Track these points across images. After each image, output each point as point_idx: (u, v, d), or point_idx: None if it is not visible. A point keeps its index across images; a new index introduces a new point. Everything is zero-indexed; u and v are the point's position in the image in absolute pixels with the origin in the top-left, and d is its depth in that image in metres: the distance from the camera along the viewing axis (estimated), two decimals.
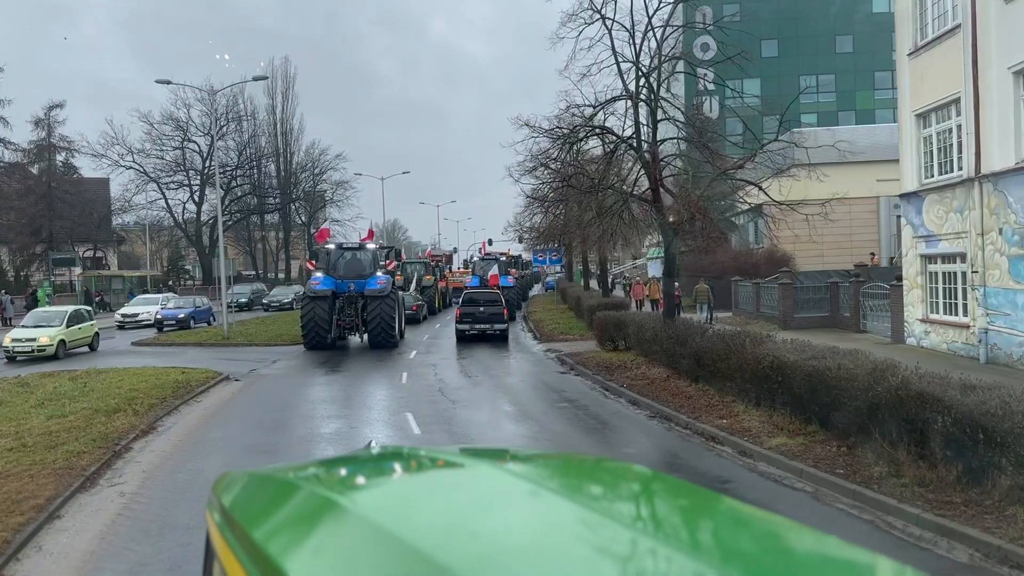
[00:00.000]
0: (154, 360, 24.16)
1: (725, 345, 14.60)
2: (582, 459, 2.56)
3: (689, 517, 1.80)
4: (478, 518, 1.68)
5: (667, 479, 2.06)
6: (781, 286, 28.56)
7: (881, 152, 38.21)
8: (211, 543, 2.07)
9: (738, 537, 1.65)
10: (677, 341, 17.11)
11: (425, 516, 1.67)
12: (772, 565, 1.47)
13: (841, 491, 9.33)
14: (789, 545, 1.59)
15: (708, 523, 1.75)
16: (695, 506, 1.86)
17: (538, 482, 1.92)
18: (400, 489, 2.14)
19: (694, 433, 12.67)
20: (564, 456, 2.78)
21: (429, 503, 1.81)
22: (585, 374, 19.38)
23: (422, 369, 21.44)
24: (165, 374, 19.54)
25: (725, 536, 1.67)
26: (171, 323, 35.38)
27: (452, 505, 1.79)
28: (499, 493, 1.85)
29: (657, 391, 15.84)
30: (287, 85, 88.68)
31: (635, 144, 19.06)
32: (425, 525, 1.58)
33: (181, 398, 16.60)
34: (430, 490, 2.02)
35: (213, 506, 2.15)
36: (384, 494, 2.07)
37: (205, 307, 38.96)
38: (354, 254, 28.79)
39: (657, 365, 18.47)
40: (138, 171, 70.63)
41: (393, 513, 1.71)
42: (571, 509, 1.64)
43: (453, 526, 1.59)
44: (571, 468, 2.29)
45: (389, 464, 2.62)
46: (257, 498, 2.16)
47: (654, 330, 19.29)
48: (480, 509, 1.76)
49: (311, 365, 23.16)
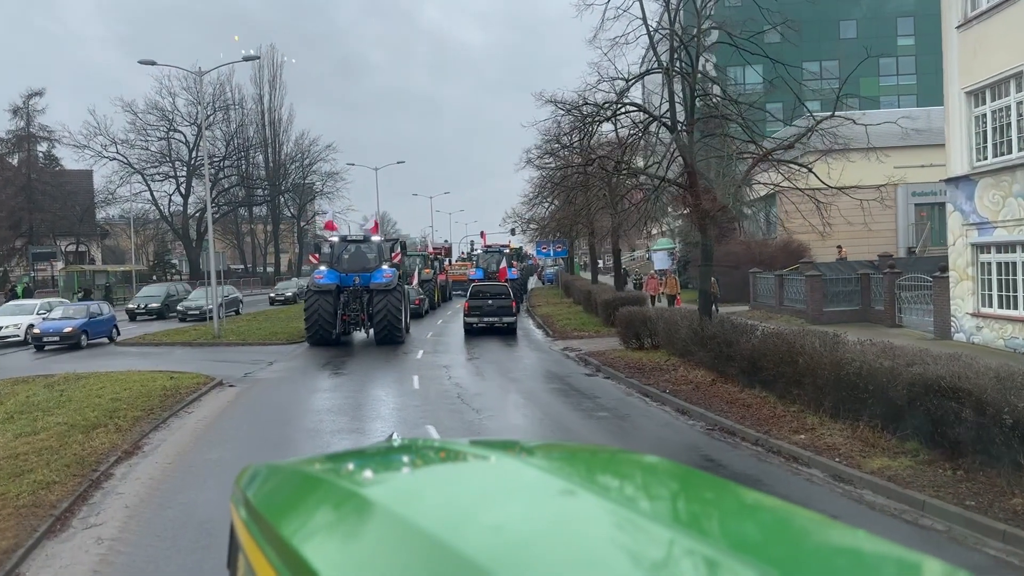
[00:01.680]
0: (139, 362, 22.26)
1: (789, 347, 12.88)
2: (605, 450, 2.48)
3: (716, 510, 1.75)
4: (501, 510, 1.64)
5: (695, 472, 2.02)
6: (809, 278, 26.88)
7: (895, 139, 36.56)
8: (235, 535, 2.07)
9: (760, 529, 1.60)
10: (724, 341, 15.40)
11: (447, 508, 1.67)
12: (801, 559, 1.43)
13: (983, 530, 7.62)
14: (823, 541, 1.53)
15: (737, 517, 1.68)
16: (722, 499, 1.82)
17: (563, 474, 1.88)
18: (424, 482, 2.10)
19: (767, 451, 10.94)
20: (586, 447, 2.75)
21: (451, 495, 1.81)
22: (616, 376, 17.63)
23: (434, 371, 19.65)
24: (151, 380, 17.67)
25: (752, 530, 1.59)
26: (53, 339, 26.54)
27: (474, 497, 1.78)
28: (521, 485, 1.81)
29: (707, 398, 14.11)
30: (274, 73, 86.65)
31: (669, 123, 17.28)
32: (447, 517, 1.56)
33: (170, 409, 14.74)
34: (452, 482, 2.01)
35: (237, 499, 2.14)
36: (409, 487, 2.03)
37: (105, 316, 28.89)
38: (359, 247, 27.54)
39: (697, 367, 16.76)
40: (122, 162, 68.38)
41: (418, 506, 1.67)
42: (594, 500, 1.62)
43: (475, 518, 1.58)
44: (594, 459, 2.29)
45: (412, 456, 2.53)
46: (281, 490, 2.13)
47: (690, 328, 17.58)
48: (503, 501, 1.72)
49: (312, 367, 21.33)
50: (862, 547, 1.47)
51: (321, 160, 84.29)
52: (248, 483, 2.23)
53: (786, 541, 1.54)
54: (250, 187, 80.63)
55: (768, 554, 1.39)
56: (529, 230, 67.60)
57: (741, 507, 1.74)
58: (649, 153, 19.10)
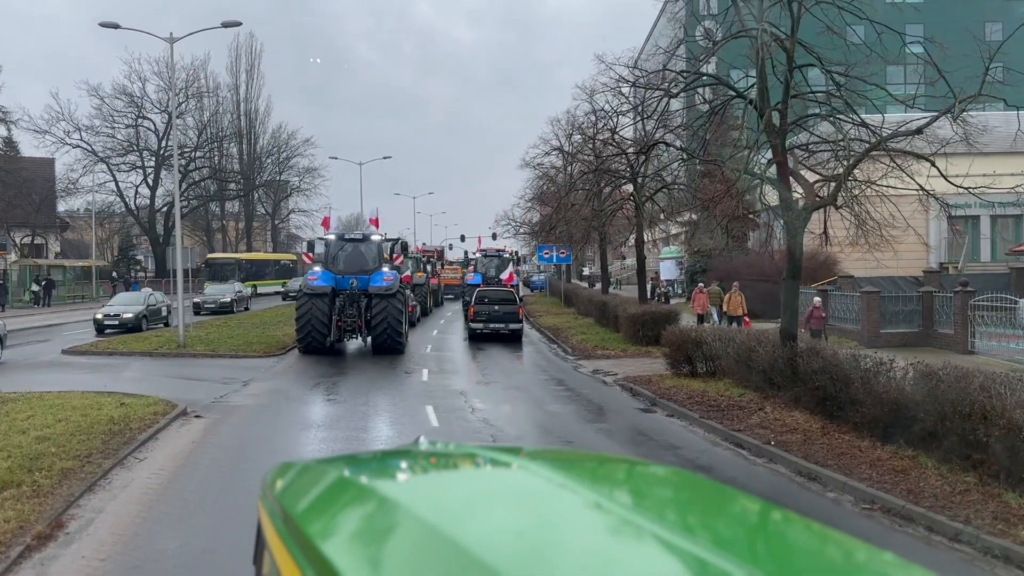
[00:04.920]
0: (86, 378, 18.39)
1: (966, 397, 9.47)
2: (634, 461, 2.48)
3: (740, 523, 1.76)
4: (525, 517, 1.63)
5: (718, 486, 2.02)
6: (866, 295, 23.65)
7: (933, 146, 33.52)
8: (262, 533, 2.06)
9: (769, 540, 1.64)
10: (837, 378, 12.04)
11: (471, 514, 1.67)
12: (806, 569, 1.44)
13: None
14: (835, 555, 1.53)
15: (755, 529, 1.72)
16: (744, 512, 1.83)
17: (591, 483, 1.86)
18: (450, 486, 2.09)
19: (981, 551, 7.53)
20: (616, 458, 2.73)
21: (476, 501, 1.81)
22: (683, 415, 14.18)
23: (450, 399, 16.06)
24: (96, 407, 13.90)
25: (767, 541, 1.63)
26: None
27: (497, 503, 1.77)
28: (546, 492, 1.78)
29: (834, 456, 10.66)
30: (252, 63, 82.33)
31: (756, 100, 13.90)
32: (471, 523, 1.57)
33: (114, 455, 11.00)
34: (478, 488, 2.00)
35: (265, 497, 2.14)
36: (434, 491, 2.03)
37: None
38: (356, 246, 24.34)
39: (789, 407, 13.38)
40: (86, 150, 63.58)
41: (442, 510, 1.67)
42: (619, 511, 1.62)
43: (499, 524, 1.58)
44: (623, 471, 2.27)
45: (439, 460, 2.46)
46: (308, 490, 2.12)
47: (773, 356, 14.22)
48: (527, 508, 1.70)
49: (298, 389, 17.63)
50: (877, 564, 1.45)
51: (299, 155, 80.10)
52: (275, 481, 2.22)
53: (793, 552, 1.57)
54: (223, 180, 76.13)
55: (776, 565, 1.42)
56: (520, 234, 64.30)
57: (762, 520, 1.79)
58: (718, 138, 15.69)
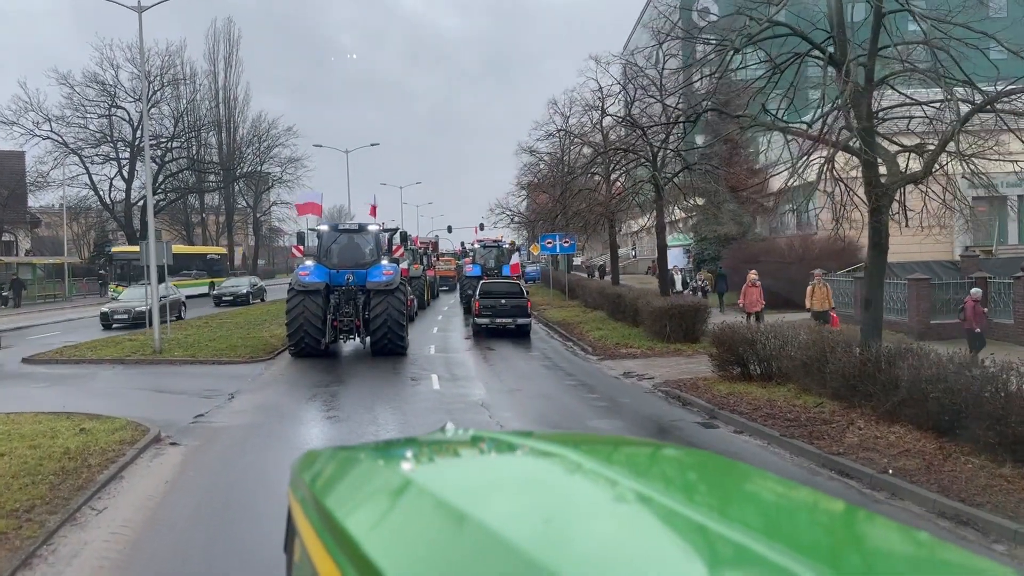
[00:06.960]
0: (45, 393, 15.94)
1: None
2: (661, 445, 2.47)
3: (766, 503, 1.77)
4: (552, 502, 1.63)
5: (745, 467, 2.01)
6: (914, 283, 21.54)
7: None
8: (292, 520, 2.05)
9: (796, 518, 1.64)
10: (962, 389, 9.84)
11: (500, 498, 1.68)
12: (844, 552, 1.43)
13: None
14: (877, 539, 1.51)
15: (784, 510, 1.71)
16: (772, 492, 1.83)
17: (621, 468, 1.86)
18: (479, 472, 2.08)
19: None
20: (645, 442, 2.75)
21: (504, 487, 1.80)
22: (754, 430, 11.93)
23: (472, 414, 13.74)
24: (50, 435, 11.50)
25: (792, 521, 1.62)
26: None
27: (526, 488, 1.77)
28: (574, 478, 1.79)
29: (980, 491, 8.46)
30: (231, 50, 79.45)
31: (837, 55, 11.62)
32: (500, 508, 1.58)
33: (64, 505, 8.59)
34: (506, 474, 1.99)
35: (296, 484, 2.13)
36: (462, 477, 2.02)
37: None
38: (351, 238, 22.02)
39: (885, 421, 11.16)
40: (56, 142, 60.37)
41: (472, 496, 1.68)
42: (646, 494, 1.59)
43: (527, 508, 1.59)
44: (650, 454, 2.27)
45: (467, 447, 2.50)
46: (338, 477, 2.11)
47: (854, 361, 12.01)
48: (554, 493, 1.71)
49: (292, 403, 15.23)
50: (918, 546, 1.44)
51: (280, 145, 77.15)
52: (305, 468, 2.23)
53: (829, 533, 1.56)
54: (201, 171, 73.11)
55: (808, 544, 1.41)
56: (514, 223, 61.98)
57: (790, 500, 1.79)
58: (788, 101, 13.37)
